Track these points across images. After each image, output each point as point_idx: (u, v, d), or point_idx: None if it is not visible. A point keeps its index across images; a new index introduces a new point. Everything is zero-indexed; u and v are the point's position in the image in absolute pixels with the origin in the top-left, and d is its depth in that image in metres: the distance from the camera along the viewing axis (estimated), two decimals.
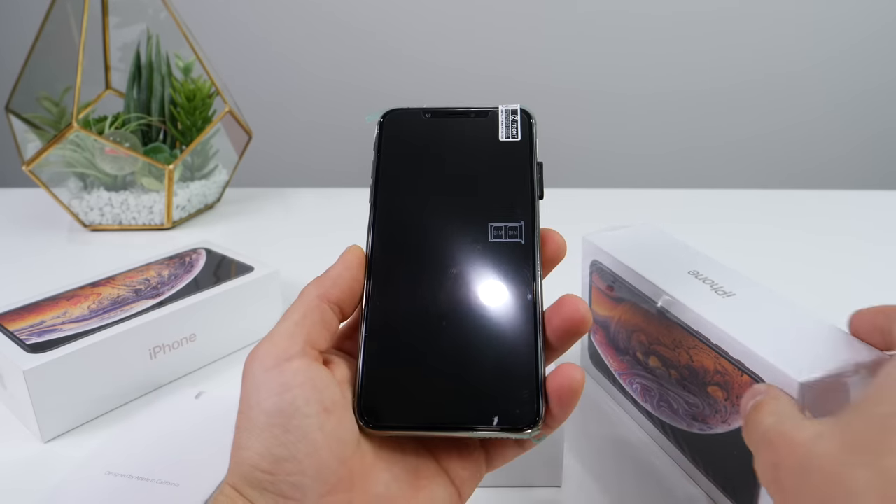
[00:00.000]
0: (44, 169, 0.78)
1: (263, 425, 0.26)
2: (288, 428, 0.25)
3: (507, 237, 0.30)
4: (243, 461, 0.26)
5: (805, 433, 0.23)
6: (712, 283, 0.40)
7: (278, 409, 0.26)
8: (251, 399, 0.27)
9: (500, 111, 0.33)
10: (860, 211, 0.86)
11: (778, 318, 0.36)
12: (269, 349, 0.27)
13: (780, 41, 1.49)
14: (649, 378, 0.42)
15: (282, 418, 0.26)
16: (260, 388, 0.26)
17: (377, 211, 0.32)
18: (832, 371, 0.30)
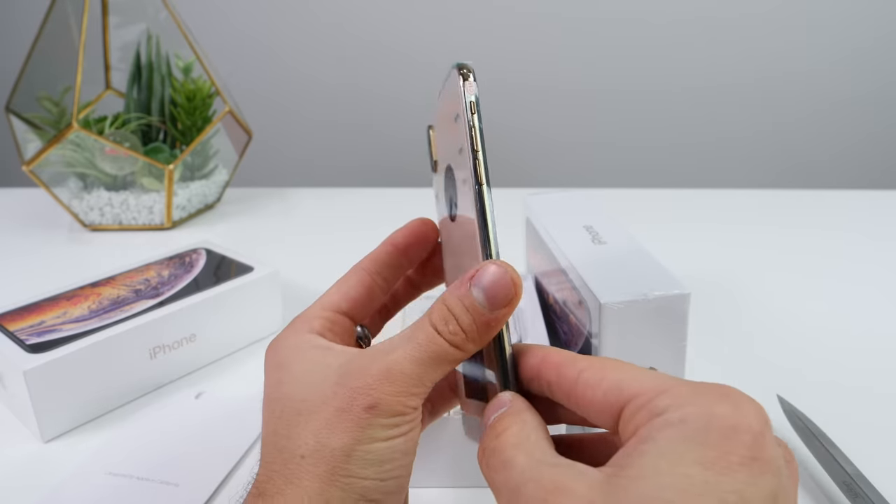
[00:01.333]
0: (44, 169, 0.78)
1: (387, 459, 0.26)
2: (404, 463, 0.26)
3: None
4: (350, 489, 0.25)
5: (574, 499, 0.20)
6: (595, 234, 0.48)
7: (402, 448, 0.26)
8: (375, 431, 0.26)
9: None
10: (859, 211, 0.86)
11: (623, 261, 0.44)
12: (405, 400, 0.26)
13: (777, 42, 1.49)
14: (556, 318, 0.49)
15: (401, 455, 0.26)
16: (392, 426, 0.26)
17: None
18: (630, 298, 0.39)
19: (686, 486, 0.19)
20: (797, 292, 0.65)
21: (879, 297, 0.64)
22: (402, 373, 0.26)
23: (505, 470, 0.23)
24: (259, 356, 0.56)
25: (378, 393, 0.26)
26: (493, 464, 0.23)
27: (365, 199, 0.92)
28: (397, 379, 0.26)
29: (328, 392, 0.26)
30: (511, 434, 0.24)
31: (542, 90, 1.54)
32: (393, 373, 0.26)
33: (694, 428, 0.20)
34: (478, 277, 0.25)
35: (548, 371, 0.25)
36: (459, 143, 0.26)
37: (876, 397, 0.49)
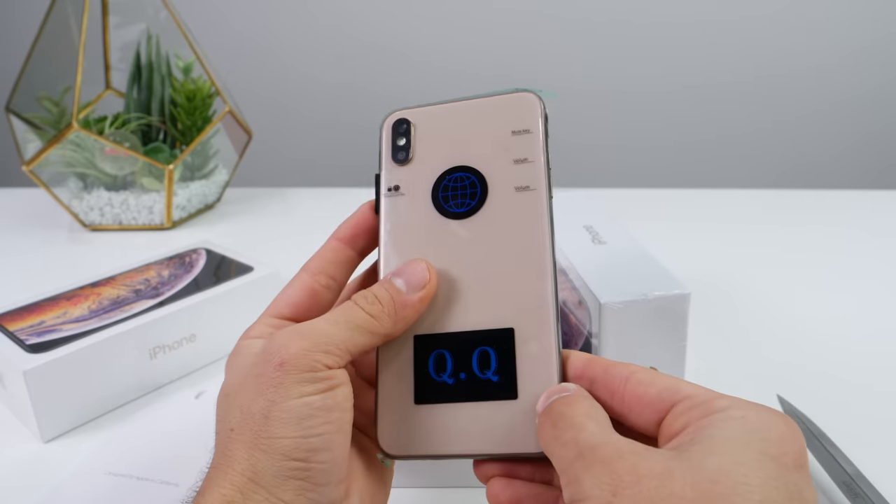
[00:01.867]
0: (44, 169, 0.78)
1: (304, 416, 0.26)
2: (329, 419, 0.26)
3: None
4: (271, 450, 0.26)
5: (653, 465, 0.21)
6: (595, 234, 0.48)
7: (323, 404, 0.26)
8: (291, 390, 0.26)
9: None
10: (859, 211, 0.86)
11: (623, 261, 0.44)
12: (323, 359, 0.27)
13: (778, 41, 1.49)
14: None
15: (324, 411, 0.26)
16: (306, 385, 0.26)
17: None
18: (630, 298, 0.39)
19: (758, 467, 0.21)
20: (797, 292, 0.65)
21: (880, 298, 0.64)
22: (313, 330, 0.27)
23: (577, 432, 0.23)
24: None
25: (287, 349, 0.27)
26: (563, 426, 0.24)
27: (365, 200, 0.92)
28: (308, 335, 0.27)
29: (250, 364, 0.28)
30: (583, 406, 0.25)
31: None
32: (304, 330, 0.27)
33: (756, 426, 0.22)
34: (398, 270, 0.29)
35: (594, 370, 0.27)
36: (519, 154, 0.29)
37: (876, 398, 0.49)
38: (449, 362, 0.28)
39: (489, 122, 0.30)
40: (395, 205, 0.31)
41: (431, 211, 0.30)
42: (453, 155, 0.30)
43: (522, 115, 0.30)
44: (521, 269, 0.28)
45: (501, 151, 0.30)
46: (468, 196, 0.30)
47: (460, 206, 0.30)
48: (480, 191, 0.30)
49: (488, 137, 0.30)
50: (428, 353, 0.29)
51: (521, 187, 0.29)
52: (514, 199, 0.29)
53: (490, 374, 0.28)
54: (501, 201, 0.29)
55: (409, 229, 0.30)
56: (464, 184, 0.30)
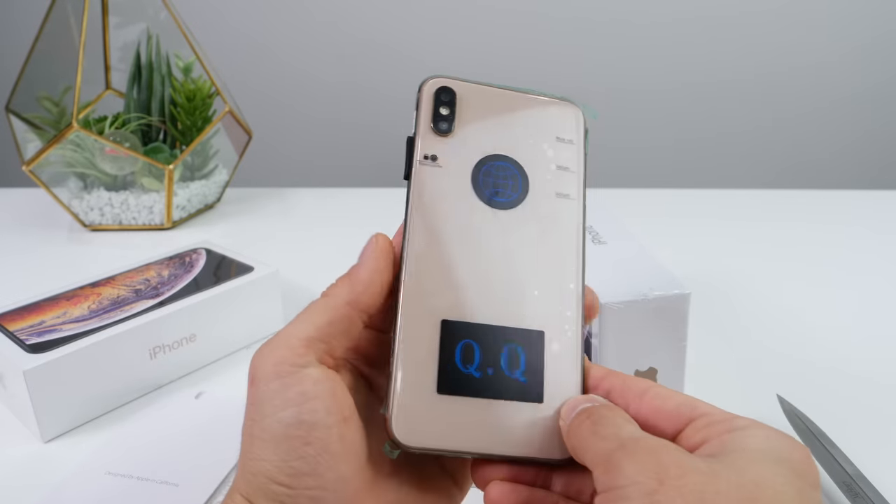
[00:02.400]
0: (44, 169, 0.78)
1: (281, 436, 0.24)
2: (309, 440, 0.24)
3: None
4: (258, 472, 0.25)
5: (697, 463, 0.22)
6: (595, 234, 0.48)
7: (298, 419, 0.24)
8: (265, 407, 0.25)
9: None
10: (860, 211, 0.86)
11: (623, 261, 0.44)
12: (284, 354, 0.25)
13: (779, 39, 1.49)
14: None
15: (302, 430, 0.24)
16: (275, 396, 0.25)
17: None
18: (630, 298, 0.39)
19: (791, 481, 0.22)
20: (797, 292, 0.65)
21: (880, 298, 0.64)
22: (278, 336, 0.26)
23: (618, 428, 0.24)
24: None
25: (256, 360, 0.26)
26: (604, 423, 0.24)
27: (365, 199, 0.92)
28: (273, 342, 0.26)
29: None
30: (622, 413, 0.25)
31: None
32: (272, 340, 0.26)
33: (779, 446, 0.23)
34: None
35: (612, 381, 0.27)
36: (562, 161, 0.30)
37: (876, 398, 0.49)
38: (477, 355, 0.27)
39: (536, 122, 0.30)
40: (431, 175, 0.28)
41: (470, 192, 0.28)
42: (498, 142, 0.29)
43: (568, 124, 0.30)
44: (554, 274, 0.28)
45: (547, 154, 0.30)
46: (509, 188, 0.29)
47: (502, 195, 0.29)
48: (522, 186, 0.29)
49: (534, 136, 0.30)
50: (455, 341, 0.27)
51: (561, 194, 0.29)
52: (554, 203, 0.29)
53: (519, 373, 0.27)
54: (541, 203, 0.29)
55: (444, 204, 0.28)
56: (506, 174, 0.29)
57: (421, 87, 0.29)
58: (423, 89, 0.29)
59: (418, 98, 0.29)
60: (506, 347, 0.27)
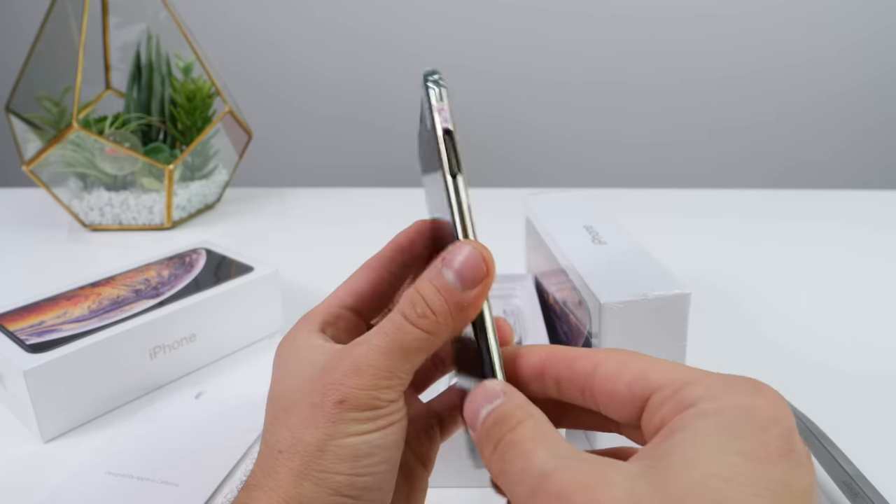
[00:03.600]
0: (44, 169, 0.78)
1: (362, 454, 0.25)
2: (384, 459, 0.26)
3: None
4: (324, 484, 0.25)
5: (615, 492, 0.19)
6: (595, 234, 0.48)
7: (381, 443, 0.25)
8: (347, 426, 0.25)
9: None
10: (861, 211, 0.86)
11: (623, 261, 0.44)
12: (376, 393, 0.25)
13: (781, 38, 1.49)
14: (556, 318, 0.49)
15: (382, 450, 0.26)
16: (367, 420, 0.25)
17: None
18: (630, 298, 0.39)
19: (732, 475, 0.19)
20: (797, 292, 0.65)
21: (880, 299, 0.64)
22: (369, 365, 0.25)
23: (527, 461, 0.21)
24: (259, 356, 0.56)
25: (347, 388, 0.25)
26: (510, 457, 0.22)
27: (365, 199, 0.92)
28: (365, 372, 0.25)
29: (307, 388, 0.26)
30: (528, 427, 0.22)
31: (542, 89, 1.54)
32: (360, 366, 0.25)
33: (731, 419, 0.20)
34: (449, 258, 0.25)
35: (556, 367, 0.24)
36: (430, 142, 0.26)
37: (876, 398, 0.49)
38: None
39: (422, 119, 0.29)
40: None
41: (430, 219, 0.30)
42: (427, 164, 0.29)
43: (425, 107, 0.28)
44: None
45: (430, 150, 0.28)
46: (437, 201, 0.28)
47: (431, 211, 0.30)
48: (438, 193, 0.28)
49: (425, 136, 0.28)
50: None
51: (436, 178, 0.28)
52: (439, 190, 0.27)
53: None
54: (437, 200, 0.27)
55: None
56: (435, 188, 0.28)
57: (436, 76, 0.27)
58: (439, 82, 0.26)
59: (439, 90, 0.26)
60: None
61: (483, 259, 0.25)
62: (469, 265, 0.25)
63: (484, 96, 1.53)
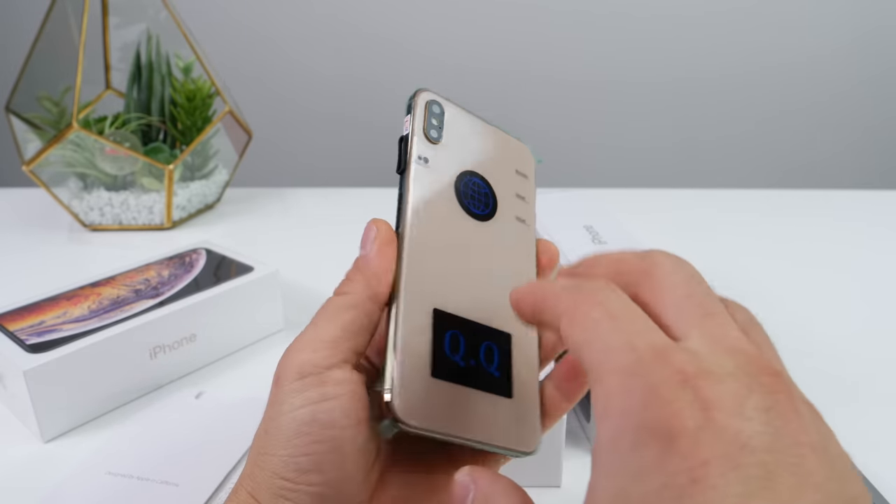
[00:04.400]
0: (44, 169, 0.78)
1: (293, 432, 0.25)
2: (319, 438, 0.25)
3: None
4: (264, 466, 0.25)
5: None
6: (595, 234, 0.48)
7: (313, 418, 0.25)
8: (283, 406, 0.25)
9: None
10: (861, 211, 0.86)
11: None
12: (310, 356, 0.26)
13: (778, 34, 1.49)
14: None
15: (314, 427, 0.25)
16: (295, 394, 0.25)
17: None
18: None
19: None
20: (797, 292, 0.65)
21: (880, 298, 0.64)
22: (301, 338, 0.26)
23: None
24: (259, 356, 0.56)
25: (282, 362, 0.26)
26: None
27: (365, 199, 0.92)
28: (294, 343, 0.26)
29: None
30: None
31: (543, 88, 1.54)
32: (295, 343, 0.26)
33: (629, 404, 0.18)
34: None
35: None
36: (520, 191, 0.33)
37: (876, 398, 0.49)
38: (462, 345, 0.28)
39: (502, 154, 0.33)
40: (424, 175, 0.30)
41: (453, 198, 0.31)
42: (474, 161, 0.32)
43: (524, 162, 0.34)
44: (520, 279, 0.31)
45: (509, 181, 0.33)
46: (483, 203, 0.32)
47: (479, 207, 0.31)
48: (492, 205, 0.32)
49: (500, 165, 0.33)
50: (445, 329, 0.28)
51: (520, 219, 0.33)
52: (515, 225, 0.32)
53: (493, 368, 0.28)
54: (506, 221, 0.32)
55: (434, 207, 0.30)
56: (481, 191, 0.32)
57: (415, 95, 0.32)
58: (418, 98, 0.32)
59: (412, 104, 0.32)
60: (484, 343, 0.29)
61: (372, 223, 0.28)
62: (365, 230, 0.28)
63: (484, 96, 1.53)
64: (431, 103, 0.32)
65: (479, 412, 0.27)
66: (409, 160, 0.30)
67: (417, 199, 0.30)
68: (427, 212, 0.30)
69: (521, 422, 0.28)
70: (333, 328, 0.26)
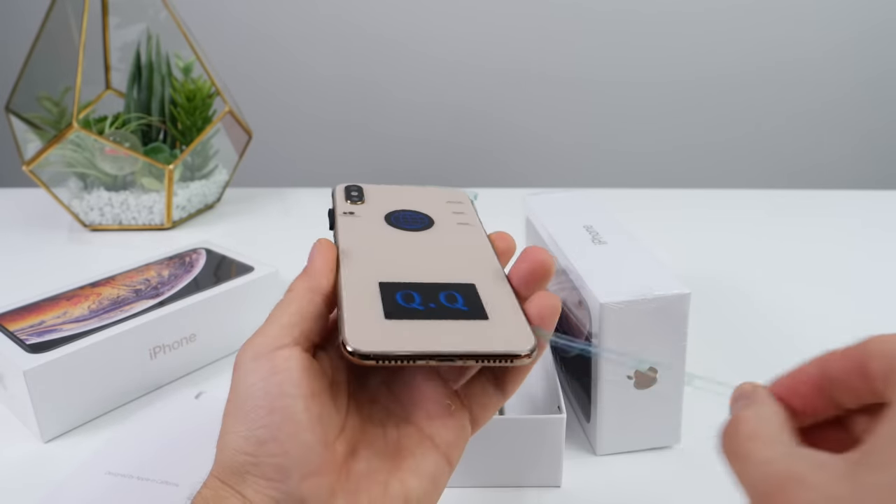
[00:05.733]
0: (44, 169, 0.78)
1: (249, 408, 0.26)
2: (272, 409, 0.25)
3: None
4: (227, 445, 0.26)
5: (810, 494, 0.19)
6: (595, 234, 0.48)
7: (265, 391, 0.26)
8: (239, 386, 0.27)
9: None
10: (861, 211, 0.86)
11: (623, 261, 0.44)
12: (261, 340, 0.27)
13: (780, 33, 1.49)
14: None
15: (267, 399, 0.26)
16: (249, 374, 0.27)
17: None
18: (630, 298, 0.39)
19: None
20: (797, 292, 0.65)
21: (880, 298, 0.64)
22: (257, 330, 0.28)
23: (742, 462, 0.23)
24: None
25: (240, 352, 0.28)
26: (731, 455, 0.23)
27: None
28: (253, 335, 0.28)
29: None
30: (747, 426, 0.23)
31: (544, 89, 1.54)
32: (253, 335, 0.28)
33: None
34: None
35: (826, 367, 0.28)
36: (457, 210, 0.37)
37: None
38: (417, 297, 0.28)
39: (434, 198, 0.37)
40: (350, 220, 0.35)
41: (385, 226, 0.34)
42: (405, 203, 0.36)
43: (457, 198, 0.38)
44: (474, 255, 0.32)
45: (444, 208, 0.36)
46: (418, 222, 0.35)
47: (412, 226, 0.34)
48: (428, 220, 0.35)
49: (434, 203, 0.37)
50: (395, 291, 0.29)
51: (461, 223, 0.35)
52: (457, 227, 0.35)
53: (459, 305, 0.28)
54: (447, 227, 0.35)
55: (365, 234, 0.33)
56: (414, 216, 0.35)
57: (332, 190, 0.37)
58: (334, 191, 0.37)
59: (333, 193, 0.37)
60: (443, 293, 0.29)
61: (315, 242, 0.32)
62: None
63: (485, 96, 1.53)
64: (348, 188, 0.37)
65: (451, 330, 0.27)
66: (335, 217, 0.35)
67: (347, 230, 0.34)
68: (360, 232, 0.34)
69: (505, 328, 0.27)
70: (281, 316, 0.28)
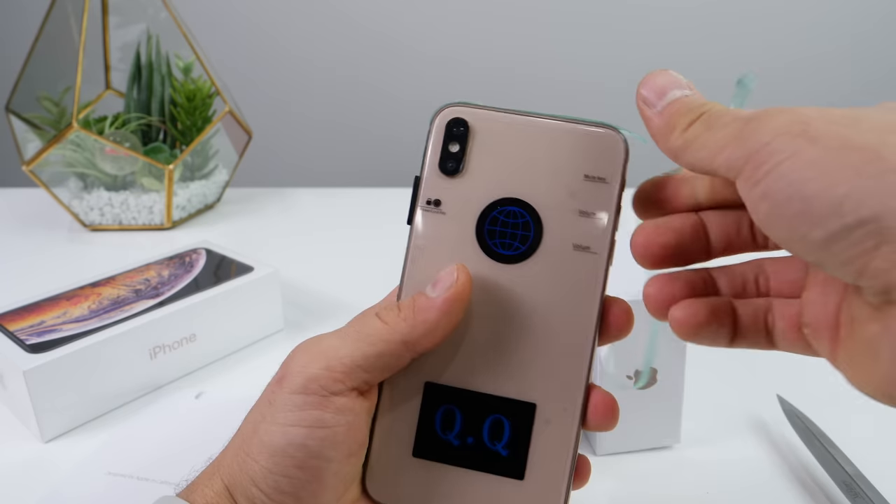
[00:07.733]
0: (44, 169, 0.78)
1: (280, 450, 0.24)
2: (304, 466, 0.24)
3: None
4: (245, 469, 0.24)
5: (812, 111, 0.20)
6: None
7: (303, 445, 0.24)
8: (279, 414, 0.24)
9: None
10: None
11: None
12: (322, 374, 0.24)
13: (780, 34, 1.49)
14: None
15: (302, 452, 0.24)
16: (294, 408, 0.24)
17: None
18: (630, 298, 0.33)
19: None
20: None
21: None
22: (319, 343, 0.25)
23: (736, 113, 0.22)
24: (259, 356, 0.56)
25: (290, 363, 0.25)
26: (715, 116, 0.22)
27: (365, 199, 0.92)
28: (311, 348, 0.25)
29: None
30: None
31: (543, 88, 1.54)
32: (311, 343, 0.25)
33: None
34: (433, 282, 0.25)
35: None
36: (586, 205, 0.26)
37: None
38: (458, 421, 0.25)
39: (561, 156, 0.26)
40: (433, 223, 0.26)
41: (472, 243, 0.26)
42: (512, 182, 0.26)
43: (601, 158, 0.26)
44: (560, 341, 0.26)
45: (568, 196, 0.26)
46: (518, 238, 0.26)
47: (507, 247, 0.26)
48: (533, 236, 0.26)
49: (556, 174, 0.26)
50: (437, 405, 0.25)
51: (580, 246, 0.26)
52: (570, 258, 0.26)
53: (500, 446, 0.25)
54: (555, 256, 0.26)
55: (442, 256, 0.26)
56: (516, 221, 0.26)
57: (434, 117, 0.26)
58: (435, 121, 0.26)
59: (429, 131, 0.26)
60: (490, 417, 0.25)
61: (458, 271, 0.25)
62: (447, 271, 0.25)
63: (487, 97, 1.53)
64: (452, 124, 0.26)
65: (473, 495, 0.25)
66: (415, 208, 0.26)
67: (420, 256, 0.26)
68: (432, 267, 0.26)
69: (535, 499, 0.25)
70: (356, 353, 0.24)
